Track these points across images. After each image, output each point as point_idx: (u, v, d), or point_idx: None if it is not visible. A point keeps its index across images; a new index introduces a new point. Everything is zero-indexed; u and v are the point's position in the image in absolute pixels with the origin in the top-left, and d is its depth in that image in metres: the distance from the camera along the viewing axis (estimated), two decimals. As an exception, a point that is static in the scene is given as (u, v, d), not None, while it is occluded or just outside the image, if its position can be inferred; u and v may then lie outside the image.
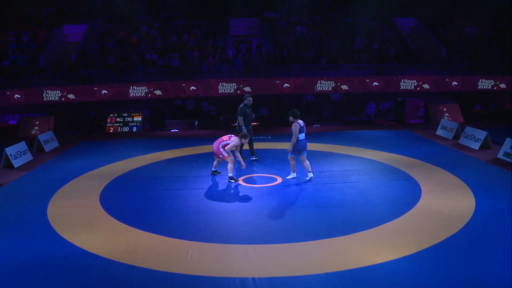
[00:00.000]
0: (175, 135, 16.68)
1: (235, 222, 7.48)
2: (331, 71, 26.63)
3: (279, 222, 7.49)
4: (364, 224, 7.31)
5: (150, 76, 24.30)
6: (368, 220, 7.52)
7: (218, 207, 8.26)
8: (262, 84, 25.08)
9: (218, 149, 9.92)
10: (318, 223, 7.39)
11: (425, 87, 26.16)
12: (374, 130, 16.93)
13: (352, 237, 6.82)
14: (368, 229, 7.14)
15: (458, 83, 26.27)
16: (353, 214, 7.85)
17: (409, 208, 8.07)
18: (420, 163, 11.48)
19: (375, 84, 26.00)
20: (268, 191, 9.30)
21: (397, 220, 7.50)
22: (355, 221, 7.46)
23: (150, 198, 8.82)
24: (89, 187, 9.67)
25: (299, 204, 8.39)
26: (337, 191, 9.18)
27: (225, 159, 9.92)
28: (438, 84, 26.15)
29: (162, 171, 11.02)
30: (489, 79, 26.46)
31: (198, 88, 24.26)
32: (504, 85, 26.70)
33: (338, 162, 11.58)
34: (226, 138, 10.02)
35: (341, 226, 7.25)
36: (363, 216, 7.73)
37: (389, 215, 7.74)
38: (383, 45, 29.17)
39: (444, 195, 8.77)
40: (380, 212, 7.91)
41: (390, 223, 7.38)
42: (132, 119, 18.23)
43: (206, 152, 13.10)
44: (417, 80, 26.11)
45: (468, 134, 14.11)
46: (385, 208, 8.14)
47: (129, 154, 13.11)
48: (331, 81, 25.73)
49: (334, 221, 7.53)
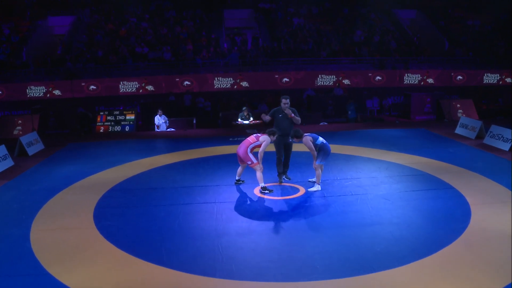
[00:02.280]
0: (172, 135, 15.23)
1: (262, 249, 6.15)
2: (332, 64, 25.42)
3: (314, 248, 6.18)
4: (417, 251, 6.04)
5: (141, 71, 22.82)
6: (419, 244, 6.27)
7: (237, 228, 6.91)
8: (260, 79, 23.79)
9: (246, 154, 8.43)
10: (360, 249, 6.11)
11: (429, 82, 25.11)
12: (388, 129, 15.68)
13: (406, 269, 5.55)
14: (424, 257, 5.87)
15: (463, 77, 25.27)
16: (399, 236, 6.57)
17: (463, 227, 6.83)
18: (453, 168, 10.27)
19: (378, 79, 24.88)
20: (292, 205, 7.98)
21: (455, 244, 6.25)
22: (405, 246, 6.19)
23: (154, 216, 7.44)
24: (80, 201, 8.24)
25: (332, 223, 7.08)
26: (371, 205, 7.90)
27: (253, 166, 8.46)
28: (442, 79, 25.09)
29: (164, 180, 9.61)
30: (495, 73, 25.49)
31: (193, 83, 22.88)
32: (510, 79, 25.75)
33: (363, 167, 10.31)
34: (253, 139, 8.56)
35: (388, 253, 5.99)
36: (412, 239, 6.47)
37: (442, 237, 6.49)
38: (384, 38, 28.00)
39: (498, 209, 7.55)
40: (431, 233, 6.66)
41: (448, 248, 6.12)
42: (124, 118, 16.75)
43: (211, 156, 11.76)
44: (421, 75, 25.06)
45: (494, 134, 12.94)
46: (434, 227, 6.89)
47: (123, 158, 11.66)
48: (333, 75, 24.56)
49: (377, 246, 6.25)
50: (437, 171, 9.99)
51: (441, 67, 25.60)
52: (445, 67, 25.60)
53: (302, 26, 28.26)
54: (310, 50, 26.13)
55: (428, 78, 24.98)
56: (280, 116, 9.19)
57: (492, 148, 12.55)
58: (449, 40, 27.55)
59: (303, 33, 27.67)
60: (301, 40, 26.86)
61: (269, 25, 28.55)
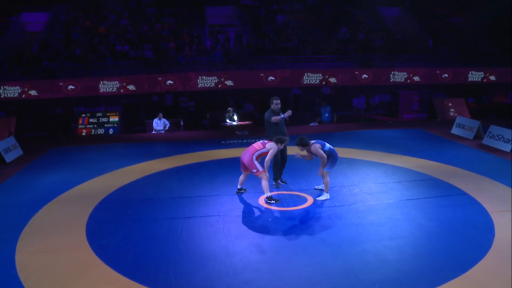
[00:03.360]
0: (159, 138, 14.44)
1: (281, 271, 5.53)
2: (317, 62, 24.94)
3: (337, 267, 5.61)
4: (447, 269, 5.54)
5: (122, 70, 21.88)
6: (449, 260, 5.78)
7: (249, 245, 6.25)
8: (245, 77, 23.15)
9: (251, 161, 7.82)
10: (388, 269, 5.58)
11: (415, 80, 24.93)
12: (384, 130, 15.24)
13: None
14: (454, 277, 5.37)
15: (448, 75, 25.18)
16: (425, 251, 6.06)
17: (489, 239, 6.37)
18: (460, 171, 9.86)
19: (364, 77, 24.54)
20: (303, 216, 7.39)
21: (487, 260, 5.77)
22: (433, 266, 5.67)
23: (155, 232, 6.74)
24: (69, 216, 7.47)
25: (351, 237, 6.51)
26: (387, 215, 7.38)
27: (259, 175, 7.85)
28: (428, 77, 24.95)
29: (159, 189, 8.87)
30: (479, 71, 25.46)
31: (176, 82, 22.08)
32: (493, 77, 25.80)
33: (369, 172, 9.79)
34: (259, 145, 7.96)
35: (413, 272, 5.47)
36: (439, 254, 5.96)
37: (470, 251, 6.01)
38: (368, 35, 27.69)
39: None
40: (458, 247, 6.16)
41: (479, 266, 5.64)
42: (107, 120, 15.84)
43: (205, 161, 11.08)
44: (408, 73, 24.83)
45: (494, 134, 12.63)
46: (459, 240, 6.40)
47: (112, 165, 10.87)
48: (319, 73, 24.10)
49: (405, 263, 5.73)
50: (445, 175, 9.56)
51: (426, 65, 25.42)
52: (431, 65, 25.45)
53: (286, 24, 27.74)
54: (295, 48, 25.62)
55: (414, 76, 24.78)
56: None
57: (492, 149, 12.25)
58: (433, 38, 27.40)
59: (287, 30, 27.14)
60: (285, 38, 26.32)
61: (252, 23, 27.92)
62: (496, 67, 25.57)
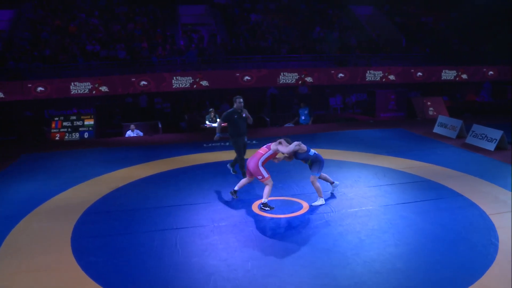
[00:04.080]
0: (138, 142, 13.85)
1: (288, 286, 5.20)
2: (293, 62, 24.77)
3: (351, 281, 5.32)
4: (458, 280, 5.34)
5: (94, 70, 21.16)
6: (458, 269, 5.58)
7: (251, 259, 5.87)
8: (220, 77, 22.78)
9: (257, 167, 7.54)
10: (399, 280, 5.35)
11: (391, 78, 25.10)
12: (366, 130, 15.07)
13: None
14: (468, 285, 5.19)
15: (422, 74, 25.49)
16: (432, 260, 5.84)
17: (494, 243, 6.22)
18: (450, 172, 9.76)
19: (340, 76, 24.57)
20: (302, 224, 7.05)
21: (495, 266, 5.61)
22: (444, 275, 5.46)
23: (147, 246, 6.27)
24: (51, 231, 6.91)
25: (358, 246, 6.23)
26: (387, 220, 7.15)
27: (264, 181, 7.58)
28: (403, 75, 25.18)
29: (145, 198, 8.38)
30: (452, 70, 25.85)
31: (150, 82, 21.55)
32: (465, 76, 26.25)
33: (360, 175, 9.56)
34: (264, 150, 7.73)
35: (427, 282, 5.26)
36: (447, 262, 5.76)
37: (478, 258, 5.84)
38: (343, 34, 27.70)
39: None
40: (464, 254, 5.97)
41: (490, 272, 5.47)
42: (82, 123, 15.12)
43: (189, 166, 10.62)
44: (383, 71, 24.96)
45: (477, 133, 12.65)
46: (464, 245, 6.23)
47: (90, 172, 10.24)
48: (295, 73, 23.97)
49: (414, 274, 5.50)
50: (436, 176, 9.43)
51: (400, 64, 25.62)
52: (405, 64, 25.66)
53: (260, 23, 27.45)
54: (270, 47, 25.35)
55: (389, 75, 24.95)
56: (236, 117, 9.23)
57: (477, 148, 12.25)
58: (406, 37, 27.64)
59: (262, 29, 26.86)
60: (260, 37, 26.03)
61: (226, 22, 27.51)
62: (467, 66, 26.00)
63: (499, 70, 26.15)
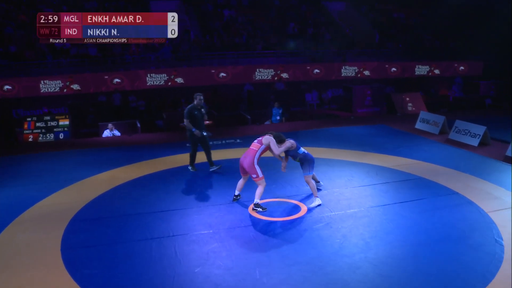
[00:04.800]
0: (117, 143, 13.30)
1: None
2: (268, 58, 24.54)
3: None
4: (472, 281, 5.25)
5: (65, 68, 20.35)
6: (470, 270, 5.51)
7: (255, 264, 5.63)
8: (196, 74, 22.32)
9: (253, 165, 7.31)
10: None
11: (366, 74, 25.19)
12: (349, 127, 14.97)
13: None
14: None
15: (397, 69, 25.68)
16: (444, 258, 5.75)
17: (499, 243, 6.18)
18: (441, 169, 9.75)
19: (316, 72, 24.48)
20: (301, 227, 6.84)
21: (505, 266, 5.55)
22: (457, 278, 5.37)
23: (145, 256, 5.91)
24: (38, 241, 6.45)
25: (360, 250, 6.07)
26: (390, 220, 7.03)
27: (258, 181, 7.37)
28: (378, 71, 25.31)
29: (135, 202, 7.97)
30: (425, 65, 26.17)
31: (124, 80, 20.89)
32: (438, 71, 26.61)
33: (353, 174, 9.41)
34: (256, 145, 7.48)
35: (448, 285, 5.14)
36: (458, 263, 5.68)
37: (486, 258, 5.79)
38: (317, 30, 27.65)
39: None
40: (473, 255, 5.90)
41: (502, 271, 5.41)
42: (57, 123, 14.42)
43: (176, 168, 10.22)
44: (358, 67, 25.02)
45: (460, 129, 12.75)
46: (471, 245, 6.17)
47: (72, 175, 9.69)
48: (271, 69, 23.72)
49: (428, 279, 5.37)
50: (428, 173, 9.40)
51: (375, 59, 25.76)
52: (379, 60, 25.82)
53: (234, 18, 27.09)
54: (245, 44, 25.05)
55: (364, 71, 25.01)
56: (196, 112, 9.57)
57: (460, 143, 12.34)
58: (379, 32, 27.82)
59: (236, 25, 26.51)
60: (234, 33, 25.68)
61: (199, 18, 27.01)
62: (439, 61, 26.38)
63: (470, 65, 26.65)
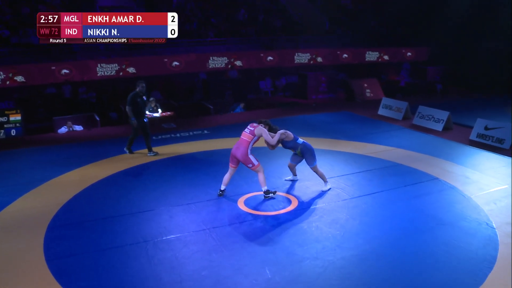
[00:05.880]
0: (77, 138, 12.47)
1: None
2: (221, 46, 24.12)
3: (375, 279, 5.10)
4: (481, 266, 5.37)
5: (5, 58, 18.91)
6: (474, 255, 5.63)
7: (261, 262, 5.44)
8: (148, 63, 21.52)
9: (247, 156, 7.25)
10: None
11: (318, 60, 25.35)
12: (315, 114, 14.93)
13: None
14: (490, 270, 5.23)
15: (348, 55, 26.02)
16: (445, 256, 5.83)
17: (491, 226, 6.37)
18: (416, 155, 9.97)
19: (269, 59, 24.33)
20: (296, 220, 6.71)
21: (503, 248, 5.71)
22: (467, 264, 5.45)
23: (142, 262, 5.52)
24: (17, 252, 5.84)
25: (362, 242, 6.05)
26: (385, 209, 7.07)
27: (255, 169, 7.32)
28: (330, 57, 25.55)
29: (115, 203, 7.44)
30: (375, 51, 26.71)
31: (72, 71, 19.74)
32: (387, 57, 27.25)
33: (332, 163, 9.37)
34: (249, 136, 7.35)
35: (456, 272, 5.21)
36: (462, 251, 5.79)
37: (484, 240, 5.96)
38: (267, 17, 27.48)
39: (499, 197, 7.36)
40: (471, 241, 6.03)
41: (501, 258, 5.55)
42: (7, 119, 13.34)
43: (147, 163, 9.76)
44: (311, 54, 25.13)
45: (424, 115, 13.10)
46: (467, 231, 6.32)
47: (38, 176, 8.86)
48: (224, 57, 23.33)
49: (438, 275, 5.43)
50: (405, 160, 9.56)
51: (326, 46, 25.99)
52: (330, 46, 26.07)
53: (183, 5, 26.35)
54: (196, 31, 24.45)
55: (317, 57, 25.17)
56: (139, 100, 9.98)
57: (425, 129, 12.69)
58: (329, 19, 28.06)
59: (186, 12, 25.81)
60: (184, 20, 24.98)
61: (146, 4, 26.03)
62: (388, 47, 27.03)
63: (416, 51, 27.51)
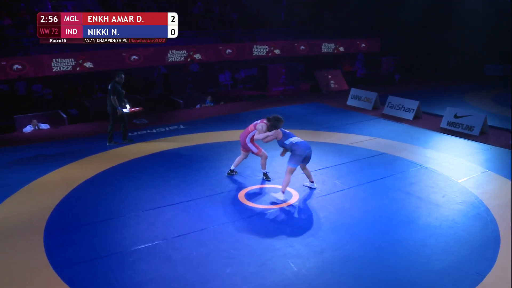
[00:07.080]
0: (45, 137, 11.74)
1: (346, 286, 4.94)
2: (179, 39, 23.66)
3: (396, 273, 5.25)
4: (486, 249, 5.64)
5: None
6: (478, 239, 5.92)
7: (284, 255, 5.45)
8: (106, 58, 20.84)
9: (246, 143, 7.90)
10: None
11: (276, 53, 25.53)
12: (286, 106, 14.95)
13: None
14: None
15: (305, 47, 26.37)
16: (444, 243, 6.08)
17: (486, 209, 6.70)
18: (397, 144, 10.28)
19: (228, 52, 24.26)
20: (303, 214, 6.77)
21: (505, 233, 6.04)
22: (473, 249, 5.72)
23: (160, 265, 5.33)
24: (20, 262, 5.44)
25: (371, 234, 6.20)
26: (380, 198, 7.24)
27: (258, 154, 7.95)
28: (287, 49, 25.79)
29: (111, 204, 7.11)
30: (331, 42, 27.21)
31: (25, 66, 18.79)
32: (342, 49, 27.84)
33: (318, 155, 9.36)
34: (251, 128, 7.84)
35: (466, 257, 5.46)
36: (468, 234, 6.07)
37: (484, 226, 6.27)
38: (223, 9, 27.28)
39: (485, 180, 7.78)
40: (471, 225, 6.34)
41: (504, 239, 5.88)
42: (-33, 120, 12.45)
43: (132, 160, 9.43)
44: (269, 46, 25.26)
45: (394, 104, 13.52)
46: (464, 214, 6.64)
47: (14, 178, 8.25)
48: (183, 50, 23.00)
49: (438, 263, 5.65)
50: (388, 149, 9.84)
51: (283, 38, 26.19)
52: (287, 38, 26.29)
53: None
54: (152, 24, 23.87)
55: (275, 49, 25.33)
56: (120, 89, 10.43)
57: (396, 118, 13.09)
58: (284, 11, 28.25)
59: (140, 4, 25.14)
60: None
61: None
62: (343, 39, 27.60)
63: (369, 42, 28.26)
